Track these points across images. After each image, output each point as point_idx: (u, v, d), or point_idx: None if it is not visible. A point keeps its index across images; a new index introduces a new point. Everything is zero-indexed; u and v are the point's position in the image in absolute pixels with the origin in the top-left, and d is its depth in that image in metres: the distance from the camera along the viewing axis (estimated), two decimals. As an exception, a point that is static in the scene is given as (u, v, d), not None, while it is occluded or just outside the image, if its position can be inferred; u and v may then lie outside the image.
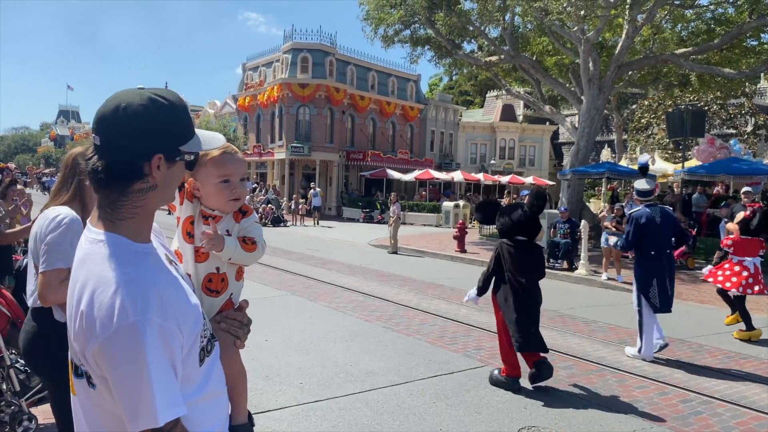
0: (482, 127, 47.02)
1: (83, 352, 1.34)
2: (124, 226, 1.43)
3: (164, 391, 1.30)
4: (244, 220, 1.91)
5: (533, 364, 5.82)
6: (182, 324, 1.38)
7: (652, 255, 7.06)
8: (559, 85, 22.02)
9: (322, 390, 5.52)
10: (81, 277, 1.38)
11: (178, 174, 1.49)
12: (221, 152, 1.84)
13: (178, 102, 1.45)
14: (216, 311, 1.84)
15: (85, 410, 1.44)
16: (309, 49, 35.91)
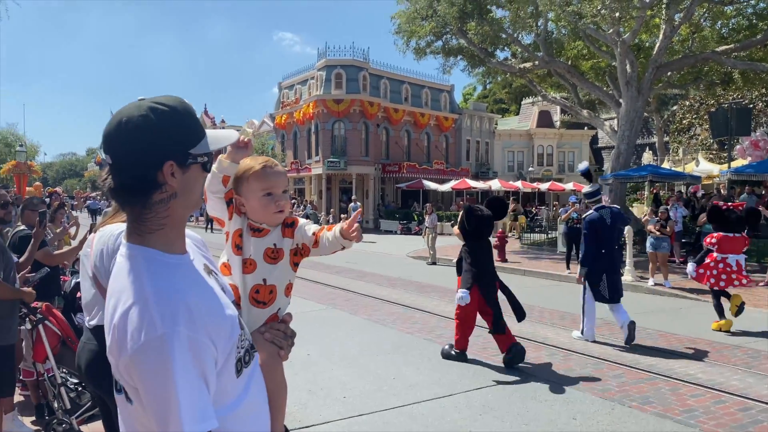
0: (519, 134, 46.59)
1: (117, 366, 1.34)
2: (154, 239, 1.42)
3: (192, 404, 1.27)
4: (298, 230, 1.92)
5: (507, 349, 6.65)
6: (215, 336, 1.36)
7: (603, 253, 7.80)
8: (596, 89, 21.68)
9: (366, 404, 5.47)
10: (114, 291, 1.38)
11: (196, 178, 1.46)
12: (262, 166, 1.87)
13: (180, 106, 1.42)
14: (262, 323, 1.84)
15: (126, 425, 1.44)
16: (342, 65, 36.25)
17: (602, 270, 7.78)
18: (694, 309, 9.40)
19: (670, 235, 13.07)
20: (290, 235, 1.90)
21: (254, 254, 1.87)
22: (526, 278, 14.23)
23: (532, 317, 9.25)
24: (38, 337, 4.66)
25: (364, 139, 37.42)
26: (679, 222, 15.69)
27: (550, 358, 7.10)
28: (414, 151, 41.18)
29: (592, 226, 7.86)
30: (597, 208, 7.98)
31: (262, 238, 1.89)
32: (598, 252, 7.83)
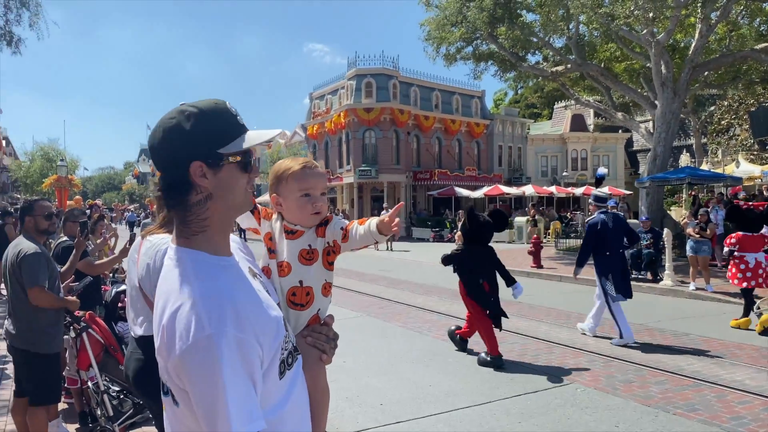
0: (552, 138, 46.05)
1: (166, 367, 1.35)
2: (199, 241, 1.44)
3: (241, 404, 1.28)
4: (329, 227, 1.88)
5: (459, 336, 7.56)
6: (261, 336, 1.36)
7: (606, 255, 8.10)
8: (630, 91, 21.32)
9: (403, 411, 5.43)
10: (163, 292, 1.40)
11: (231, 178, 1.44)
12: (301, 166, 1.85)
13: (211, 107, 1.44)
14: (302, 326, 1.82)
15: (172, 427, 1.45)
16: (372, 74, 36.40)
17: (607, 271, 8.07)
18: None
19: (711, 238, 12.72)
20: (323, 234, 1.87)
21: (288, 257, 1.85)
22: (562, 284, 14.01)
23: (570, 323, 9.09)
24: (82, 345, 4.75)
25: (395, 147, 37.45)
26: (720, 225, 15.28)
27: (589, 364, 6.96)
28: (445, 158, 41.05)
29: (593, 229, 8.19)
30: (601, 212, 8.28)
31: (296, 240, 1.86)
32: (602, 254, 8.14)
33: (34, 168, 50.19)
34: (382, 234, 1.80)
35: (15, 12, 13.04)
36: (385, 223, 1.77)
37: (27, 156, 54.74)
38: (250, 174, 1.48)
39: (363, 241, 1.84)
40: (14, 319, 4.26)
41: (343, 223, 1.88)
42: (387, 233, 1.80)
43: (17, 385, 4.50)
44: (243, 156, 1.45)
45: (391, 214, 1.77)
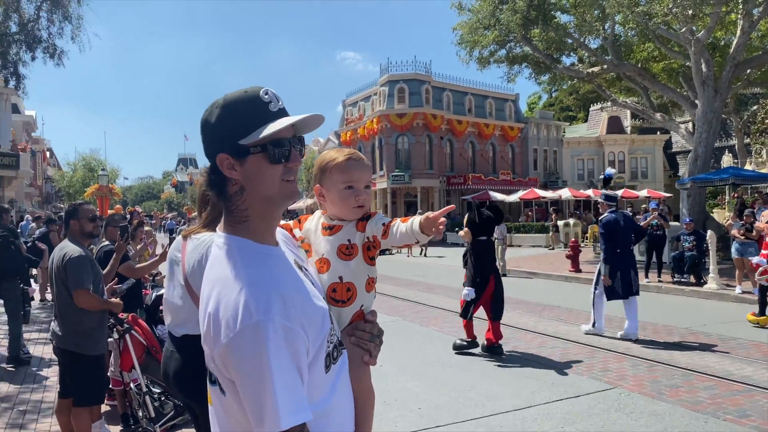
0: (588, 141, 45.34)
1: (212, 356, 1.33)
2: (244, 229, 1.43)
3: (288, 393, 1.25)
4: (370, 222, 1.80)
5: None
6: (307, 326, 1.34)
7: (618, 252, 8.40)
8: (669, 91, 20.84)
9: (441, 415, 5.36)
10: (209, 280, 1.39)
11: (259, 169, 1.40)
12: (346, 158, 1.80)
13: (236, 98, 1.42)
14: (345, 323, 1.77)
15: (219, 418, 1.43)
16: (405, 80, 36.45)
17: (616, 268, 8.38)
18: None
19: (758, 240, 12.30)
20: (363, 229, 1.80)
21: (327, 253, 1.79)
22: (601, 288, 13.70)
23: (611, 327, 8.89)
24: (125, 346, 4.82)
25: (428, 151, 37.39)
26: (767, 226, 14.76)
27: (633, 368, 6.77)
28: (479, 162, 40.80)
29: (608, 227, 8.51)
30: (612, 211, 8.63)
31: (334, 235, 1.81)
32: (613, 251, 8.43)
33: (76, 178, 51.67)
34: (424, 233, 1.68)
35: (57, 25, 13.47)
36: (429, 220, 1.65)
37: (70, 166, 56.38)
38: (286, 164, 1.42)
39: (403, 240, 1.74)
40: (60, 321, 4.34)
41: (386, 219, 1.81)
42: (430, 233, 1.67)
43: (62, 386, 4.58)
44: (272, 146, 1.39)
45: (438, 213, 1.65)
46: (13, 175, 28.69)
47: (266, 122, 1.40)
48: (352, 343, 1.72)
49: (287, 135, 1.43)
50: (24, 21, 13.02)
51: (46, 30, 13.37)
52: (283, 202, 1.48)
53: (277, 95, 1.46)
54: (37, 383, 6.59)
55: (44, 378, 6.76)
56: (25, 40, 13.02)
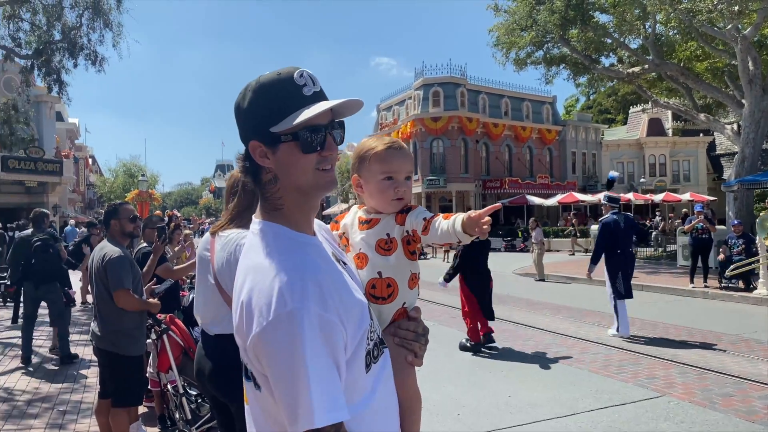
0: (627, 144, 44.41)
1: (245, 347, 1.25)
2: (279, 216, 1.36)
3: (324, 389, 1.15)
4: (410, 215, 1.65)
5: (484, 333, 8.17)
6: (345, 318, 1.24)
7: (618, 253, 8.63)
8: (714, 90, 20.20)
9: (481, 421, 5.21)
10: (243, 268, 1.32)
11: (291, 158, 1.32)
12: (386, 146, 1.67)
13: (269, 81, 1.33)
14: (386, 321, 1.64)
15: (254, 415, 1.35)
16: (439, 83, 36.29)
17: (618, 269, 8.62)
18: None
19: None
20: (402, 222, 1.66)
21: (365, 248, 1.67)
22: (644, 294, 13.29)
23: (656, 332, 8.58)
24: (162, 347, 4.81)
25: (463, 155, 37.13)
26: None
27: (681, 376, 6.49)
28: (516, 165, 40.33)
29: (608, 228, 8.74)
30: (614, 212, 8.85)
31: (372, 229, 1.68)
32: (614, 252, 8.66)
33: (117, 184, 52.89)
34: (466, 233, 1.51)
35: (99, 32, 13.78)
36: (472, 219, 1.48)
37: (111, 172, 57.79)
38: (321, 152, 1.33)
39: (444, 238, 1.58)
40: (100, 322, 4.35)
41: (427, 214, 1.65)
42: (473, 233, 1.50)
43: (101, 387, 4.60)
44: (305, 133, 1.30)
45: (482, 212, 1.48)
46: (56, 181, 29.50)
47: (300, 107, 1.30)
48: (396, 343, 1.61)
49: (323, 121, 1.33)
50: (66, 29, 13.38)
51: (87, 37, 13.71)
52: (318, 192, 1.38)
53: (313, 77, 1.36)
54: (78, 384, 6.66)
55: (84, 378, 6.83)
56: (68, 47, 13.37)
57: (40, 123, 30.00)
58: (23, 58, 14.18)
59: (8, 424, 5.33)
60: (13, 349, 8.52)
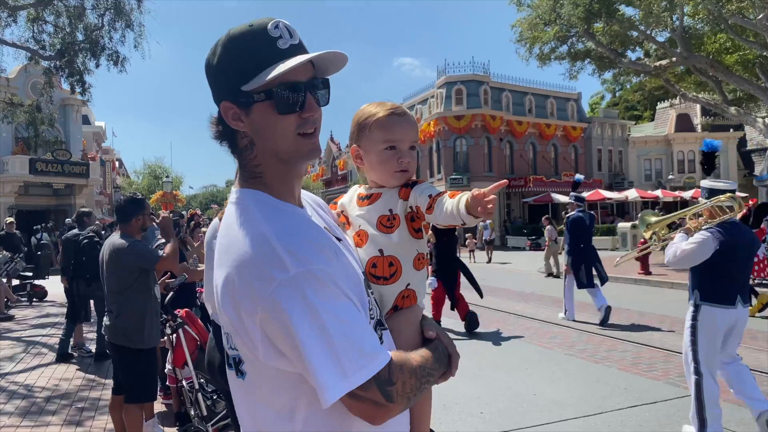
0: (655, 140, 43.53)
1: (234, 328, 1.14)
2: (259, 184, 1.23)
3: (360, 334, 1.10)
4: (415, 189, 1.50)
5: (463, 316, 9.05)
6: (346, 285, 1.14)
7: (581, 247, 9.50)
8: (745, 83, 19.64)
9: (505, 420, 5.03)
10: (224, 241, 1.18)
11: (265, 120, 1.17)
12: (388, 113, 1.51)
13: (239, 34, 1.17)
14: (388, 304, 1.48)
15: (237, 405, 1.24)
16: (462, 81, 36.00)
17: (581, 261, 9.46)
18: None
19: None
20: (405, 197, 1.50)
21: (365, 224, 1.53)
22: (674, 291, 12.94)
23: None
24: (178, 341, 4.73)
25: (487, 154, 36.77)
26: None
27: (715, 375, 6.21)
28: (540, 163, 39.84)
29: (575, 224, 9.56)
30: (580, 210, 9.69)
31: (373, 205, 1.54)
32: (578, 246, 9.49)
33: (142, 185, 53.62)
34: (470, 215, 1.35)
35: (120, 32, 13.89)
36: (476, 199, 1.32)
37: (136, 174, 58.61)
38: (301, 113, 1.18)
39: (447, 219, 1.41)
40: (111, 315, 4.29)
41: (434, 190, 1.48)
42: (477, 213, 1.34)
43: (115, 383, 4.54)
44: (281, 92, 1.15)
45: (487, 190, 1.31)
46: (83, 183, 29.93)
47: (275, 62, 1.15)
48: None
49: (302, 78, 1.17)
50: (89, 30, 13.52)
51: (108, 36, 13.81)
52: (300, 161, 1.24)
53: (291, 28, 1.20)
54: (96, 381, 6.63)
55: (104, 376, 6.80)
56: (90, 48, 13.50)
57: (66, 126, 30.48)
58: (47, 59, 14.36)
59: (26, 420, 5.32)
60: (36, 346, 8.58)
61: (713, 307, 4.33)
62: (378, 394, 1.07)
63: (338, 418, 1.14)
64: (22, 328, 10.30)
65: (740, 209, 4.39)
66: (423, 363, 1.22)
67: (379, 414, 1.10)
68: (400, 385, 1.11)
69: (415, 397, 1.17)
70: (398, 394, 1.11)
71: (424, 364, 1.23)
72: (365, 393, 1.06)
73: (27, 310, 12.42)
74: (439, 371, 1.32)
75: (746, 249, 4.38)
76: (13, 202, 27.48)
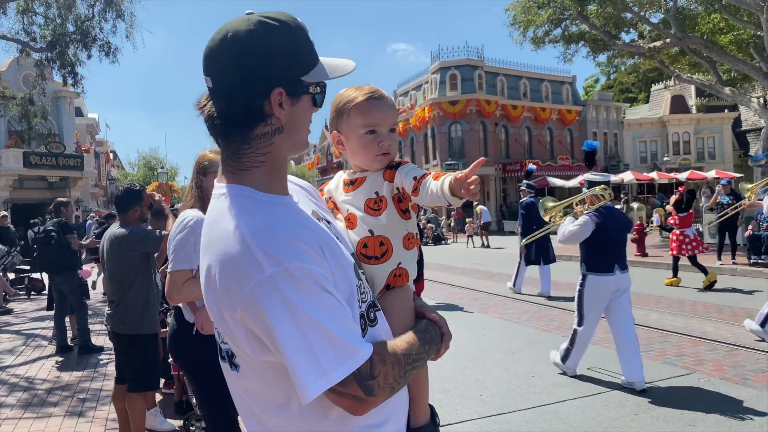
0: (650, 122, 43.51)
1: (222, 325, 1.16)
2: (249, 177, 1.21)
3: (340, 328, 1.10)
4: (399, 171, 1.51)
5: None
6: (334, 274, 1.15)
7: (534, 228, 9.85)
8: (739, 63, 19.61)
9: (505, 402, 5.08)
10: (207, 237, 1.19)
11: (305, 112, 1.24)
12: (366, 97, 1.52)
13: (293, 23, 1.20)
14: (381, 282, 1.50)
15: (234, 396, 1.26)
16: (456, 66, 35.88)
17: (532, 242, 10.24)
18: None
19: None
20: (391, 179, 1.52)
21: (353, 209, 1.55)
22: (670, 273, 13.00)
23: (684, 312, 8.36)
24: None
25: (482, 138, 36.74)
26: None
27: (711, 353, 6.30)
28: (536, 147, 39.84)
29: (528, 209, 10.68)
30: (531, 196, 10.85)
31: (358, 189, 1.55)
32: (532, 228, 10.03)
33: (137, 177, 53.44)
34: (455, 196, 1.36)
35: (111, 23, 13.78)
36: (458, 180, 1.33)
37: (131, 166, 58.38)
38: (315, 110, 1.28)
39: (433, 201, 1.42)
40: (112, 304, 4.31)
41: (418, 172, 1.50)
42: (461, 195, 1.35)
43: (118, 372, 4.56)
44: (322, 88, 1.25)
45: (468, 170, 1.33)
46: (78, 176, 29.82)
47: (317, 59, 1.23)
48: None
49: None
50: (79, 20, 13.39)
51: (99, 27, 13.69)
52: (301, 151, 1.32)
53: None
54: (98, 372, 6.66)
55: (104, 366, 6.83)
56: (81, 39, 13.38)
57: (59, 118, 30.31)
58: (38, 52, 14.25)
59: (28, 412, 5.34)
60: (36, 339, 8.60)
61: (596, 276, 5.43)
62: (358, 390, 1.10)
63: (334, 405, 1.16)
64: (21, 321, 10.32)
65: (611, 198, 5.51)
66: (408, 350, 1.23)
67: (360, 407, 1.13)
68: (381, 378, 1.13)
69: (399, 385, 1.19)
70: (380, 387, 1.13)
71: (409, 351, 1.24)
72: (345, 389, 1.08)
73: (25, 304, 12.44)
74: (429, 352, 1.34)
75: (618, 228, 5.53)
76: (8, 196, 27.38)
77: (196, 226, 2.87)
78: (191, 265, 2.90)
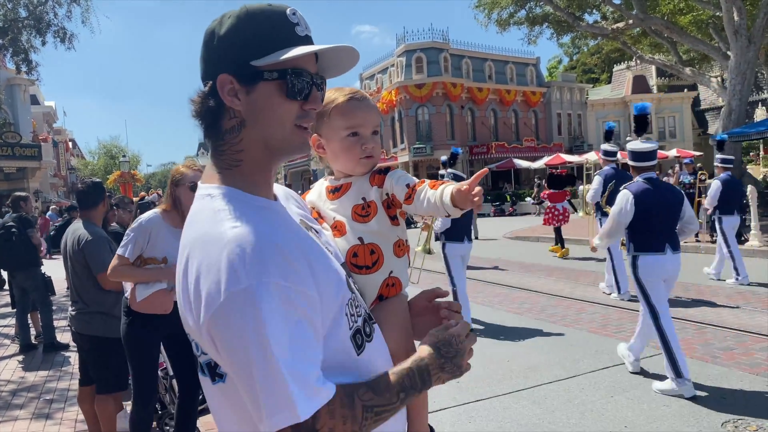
0: (613, 103, 44.16)
1: (198, 336, 1.05)
2: (232, 177, 1.14)
3: (301, 367, 0.97)
4: (389, 176, 1.46)
5: None
6: (319, 290, 1.05)
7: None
8: (699, 43, 19.95)
9: (482, 388, 5.08)
10: (187, 239, 1.10)
11: (268, 101, 1.10)
12: (347, 98, 1.45)
13: (257, 10, 1.11)
14: (373, 293, 1.44)
15: (217, 410, 1.15)
16: (422, 49, 35.77)
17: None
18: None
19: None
20: (380, 183, 1.46)
21: (340, 216, 1.48)
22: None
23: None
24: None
25: (449, 122, 36.83)
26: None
27: (680, 332, 6.36)
28: (502, 129, 40.11)
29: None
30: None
31: (344, 196, 1.48)
32: None
33: (98, 166, 52.16)
34: (456, 207, 1.31)
35: (66, 7, 13.25)
36: (462, 193, 1.28)
37: (92, 155, 56.91)
38: (304, 103, 1.12)
39: (430, 210, 1.37)
40: (77, 305, 4.15)
41: (411, 180, 1.43)
42: (464, 206, 1.30)
43: (82, 373, 4.41)
44: (293, 75, 1.10)
45: (472, 181, 1.28)
46: (36, 166, 28.93)
47: (291, 46, 1.10)
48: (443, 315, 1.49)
49: (311, 69, 1.14)
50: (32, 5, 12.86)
51: (53, 12, 13.15)
52: (288, 153, 1.17)
53: (306, 21, 1.16)
54: (63, 371, 6.46)
55: (70, 365, 6.63)
56: (34, 24, 12.86)
57: (14, 107, 29.28)
58: (-12, 39, 13.67)
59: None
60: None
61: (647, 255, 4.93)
62: None
63: None
64: (-19, 319, 9.97)
65: None
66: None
67: None
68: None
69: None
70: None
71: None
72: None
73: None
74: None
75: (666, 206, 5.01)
76: (-37, 188, 26.44)
77: (143, 221, 3.41)
78: (124, 253, 3.40)
